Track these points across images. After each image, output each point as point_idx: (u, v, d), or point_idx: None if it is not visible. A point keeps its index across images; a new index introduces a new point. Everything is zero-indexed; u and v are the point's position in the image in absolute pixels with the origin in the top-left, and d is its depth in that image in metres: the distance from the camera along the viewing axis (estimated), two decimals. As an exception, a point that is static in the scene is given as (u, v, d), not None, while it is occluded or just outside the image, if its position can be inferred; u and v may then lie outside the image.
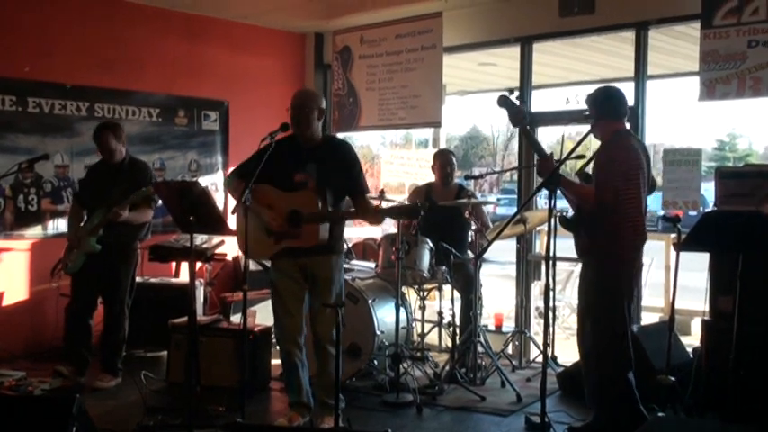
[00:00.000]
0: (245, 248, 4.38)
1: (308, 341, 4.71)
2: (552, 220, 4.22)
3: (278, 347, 4.84)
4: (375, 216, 4.57)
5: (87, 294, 5.62)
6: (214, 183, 7.65)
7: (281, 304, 4.65)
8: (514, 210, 5.67)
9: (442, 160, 6.42)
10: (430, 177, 6.69)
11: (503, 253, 7.59)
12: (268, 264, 5.66)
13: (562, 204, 4.59)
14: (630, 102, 4.95)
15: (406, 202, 6.14)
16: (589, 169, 4.46)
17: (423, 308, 6.23)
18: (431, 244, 5.79)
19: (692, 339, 6.58)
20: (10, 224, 6.47)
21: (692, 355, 5.03)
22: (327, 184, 4.46)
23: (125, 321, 5.67)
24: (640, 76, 6.06)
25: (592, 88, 4.53)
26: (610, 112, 4.40)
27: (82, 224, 5.60)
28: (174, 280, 6.88)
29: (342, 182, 4.53)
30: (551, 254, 4.14)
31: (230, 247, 6.01)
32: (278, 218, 4.47)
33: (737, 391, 3.95)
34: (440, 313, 6.22)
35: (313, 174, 4.50)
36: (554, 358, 6.05)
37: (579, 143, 4.26)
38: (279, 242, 4.51)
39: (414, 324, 6.14)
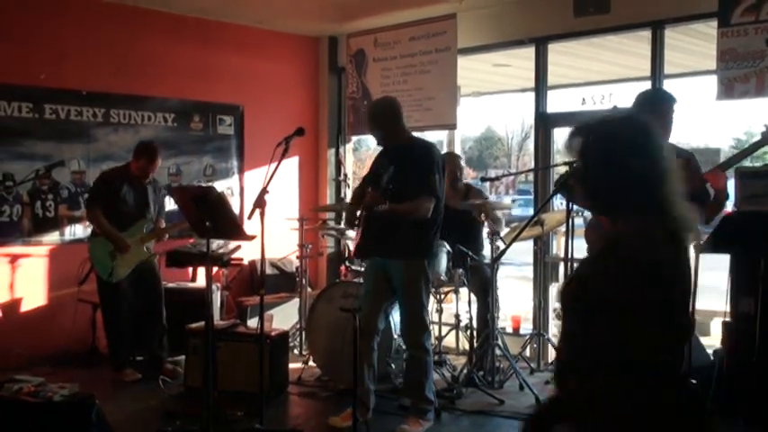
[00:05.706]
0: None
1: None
2: (570, 221, 4.18)
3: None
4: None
5: (127, 300, 5.90)
6: (230, 187, 7.66)
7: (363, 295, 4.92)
8: (531, 210, 5.63)
9: (452, 165, 6.39)
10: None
11: (520, 255, 7.54)
12: (285, 268, 5.65)
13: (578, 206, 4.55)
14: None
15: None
16: None
17: (440, 311, 6.20)
18: (448, 247, 5.76)
19: (711, 340, 6.50)
20: (28, 230, 6.50)
21: (712, 357, 4.97)
22: (398, 183, 4.57)
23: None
24: (657, 75, 6.01)
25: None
26: None
27: (127, 233, 5.82)
28: (191, 285, 6.90)
29: (408, 181, 4.60)
30: (569, 255, 4.11)
31: (246, 252, 5.96)
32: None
33: (760, 393, 3.90)
34: (457, 316, 6.20)
35: (389, 174, 4.64)
36: (572, 361, 5.99)
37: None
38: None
39: (431, 327, 6.11)
